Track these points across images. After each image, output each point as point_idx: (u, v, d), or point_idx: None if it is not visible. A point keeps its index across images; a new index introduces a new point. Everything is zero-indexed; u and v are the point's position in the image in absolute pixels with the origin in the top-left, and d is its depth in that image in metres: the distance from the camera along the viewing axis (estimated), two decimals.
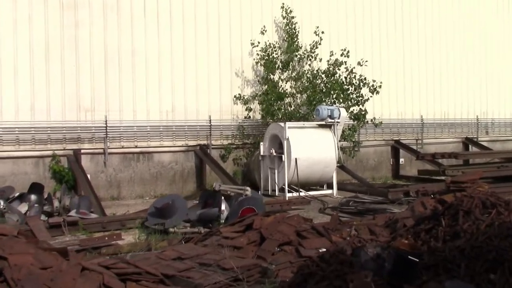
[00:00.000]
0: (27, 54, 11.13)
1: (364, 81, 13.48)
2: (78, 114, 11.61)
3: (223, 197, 8.32)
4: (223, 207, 8.03)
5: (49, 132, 11.32)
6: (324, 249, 5.45)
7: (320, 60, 13.62)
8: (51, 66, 11.32)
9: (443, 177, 12.15)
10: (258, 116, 13.63)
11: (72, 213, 8.56)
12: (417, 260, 4.42)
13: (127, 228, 8.06)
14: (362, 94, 13.51)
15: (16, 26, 11.04)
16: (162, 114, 12.57)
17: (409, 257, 4.43)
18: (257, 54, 13.34)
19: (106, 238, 7.00)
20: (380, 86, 13.51)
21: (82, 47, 11.66)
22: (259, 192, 12.36)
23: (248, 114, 13.51)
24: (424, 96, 16.68)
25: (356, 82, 13.47)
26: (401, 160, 15.79)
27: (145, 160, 12.38)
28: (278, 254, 5.84)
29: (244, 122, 13.59)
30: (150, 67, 12.41)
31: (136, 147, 12.26)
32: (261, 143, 12.46)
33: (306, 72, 13.67)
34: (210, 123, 13.02)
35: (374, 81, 13.47)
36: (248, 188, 8.86)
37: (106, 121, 11.77)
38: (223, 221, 7.84)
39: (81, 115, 11.64)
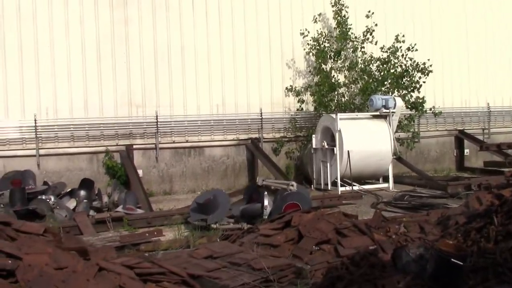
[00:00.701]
0: (79, 54, 11.40)
1: (417, 65, 12.68)
2: (130, 110, 11.78)
3: (266, 192, 8.05)
4: (266, 202, 7.77)
5: (102, 128, 11.54)
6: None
7: (376, 43, 12.93)
8: (102, 64, 11.55)
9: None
10: (311, 108, 13.25)
11: (119, 208, 8.64)
12: (461, 263, 3.98)
13: (171, 224, 8.01)
14: (417, 80, 12.71)
15: (68, 27, 11.32)
16: (212, 108, 12.50)
17: (452, 259, 4.00)
18: (307, 44, 12.93)
19: (147, 234, 6.97)
20: (431, 65, 12.64)
21: (132, 44, 11.81)
22: (312, 186, 12.07)
23: (300, 106, 13.15)
24: (491, 82, 15.56)
25: (410, 68, 12.69)
26: (466, 151, 14.85)
27: (196, 155, 12.37)
28: (316, 253, 5.52)
29: (297, 115, 13.26)
30: (199, 62, 12.36)
31: (187, 141, 12.27)
32: (313, 135, 12.10)
33: (360, 61, 13.05)
34: (261, 116, 12.80)
35: (423, 63, 12.64)
36: (294, 183, 8.56)
37: (157, 116, 11.84)
38: (266, 217, 7.59)
39: (133, 111, 11.80)
